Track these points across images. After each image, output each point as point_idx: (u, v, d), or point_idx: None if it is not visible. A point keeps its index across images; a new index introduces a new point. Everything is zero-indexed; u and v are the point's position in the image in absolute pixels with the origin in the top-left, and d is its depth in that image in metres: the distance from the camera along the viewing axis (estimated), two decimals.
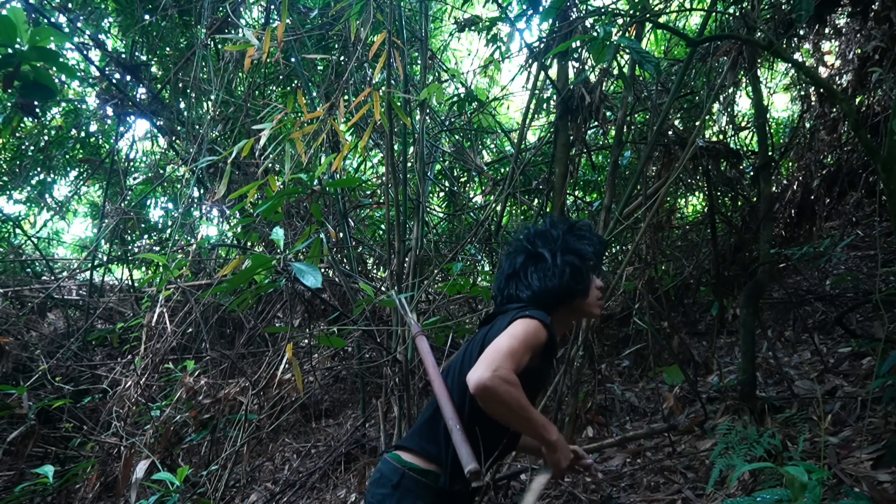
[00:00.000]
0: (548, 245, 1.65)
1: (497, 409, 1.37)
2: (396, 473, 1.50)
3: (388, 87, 3.38)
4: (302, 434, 5.16)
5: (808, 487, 1.59)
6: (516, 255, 1.70)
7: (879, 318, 3.49)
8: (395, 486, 1.48)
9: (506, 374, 1.35)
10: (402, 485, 1.48)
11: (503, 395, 1.34)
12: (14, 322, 5.79)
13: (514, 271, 1.68)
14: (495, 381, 1.33)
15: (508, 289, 1.68)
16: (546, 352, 1.52)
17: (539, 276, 1.62)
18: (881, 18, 3.81)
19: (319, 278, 2.20)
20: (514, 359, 1.40)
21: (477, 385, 1.34)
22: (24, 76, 1.49)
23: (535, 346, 1.47)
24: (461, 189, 6.70)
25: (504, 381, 1.34)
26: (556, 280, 1.60)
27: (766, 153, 3.96)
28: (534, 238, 1.69)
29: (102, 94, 5.92)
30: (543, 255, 1.64)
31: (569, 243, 1.65)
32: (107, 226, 6.49)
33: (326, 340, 2.98)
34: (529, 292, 1.62)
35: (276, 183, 3.00)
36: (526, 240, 1.70)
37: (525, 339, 1.44)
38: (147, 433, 3.63)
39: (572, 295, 1.63)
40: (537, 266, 1.64)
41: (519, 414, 1.39)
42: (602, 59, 2.39)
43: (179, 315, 4.68)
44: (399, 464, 1.52)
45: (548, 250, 1.64)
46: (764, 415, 2.96)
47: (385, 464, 1.56)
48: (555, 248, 1.64)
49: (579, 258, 1.63)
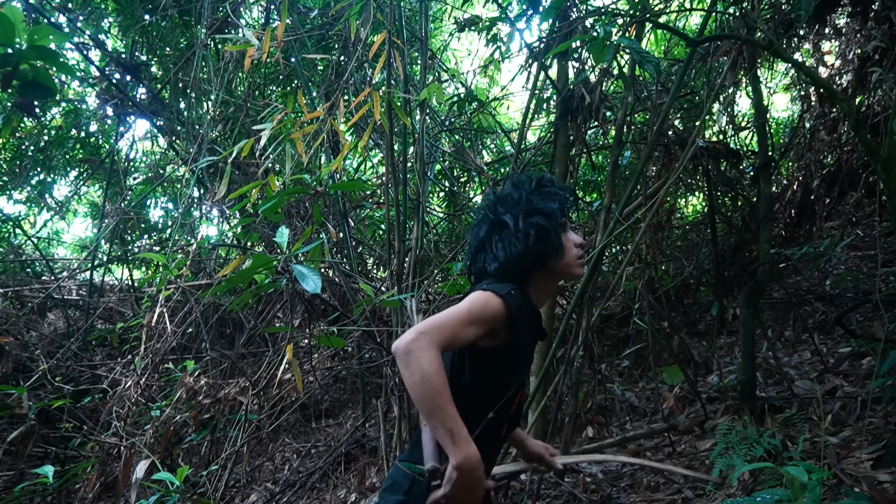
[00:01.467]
0: (510, 209, 1.51)
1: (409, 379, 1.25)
2: (408, 480, 1.46)
3: (388, 87, 3.38)
4: (302, 434, 5.16)
5: (808, 487, 1.59)
6: (480, 226, 1.56)
7: (879, 318, 3.49)
8: (406, 493, 1.44)
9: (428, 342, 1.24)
10: (413, 490, 1.45)
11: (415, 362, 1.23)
12: (14, 322, 5.79)
13: (479, 244, 1.55)
14: (413, 345, 1.23)
15: (476, 263, 1.56)
16: (510, 325, 1.40)
17: (504, 244, 1.49)
18: (881, 18, 3.81)
19: (319, 282, 2.20)
20: (447, 329, 1.29)
21: (395, 347, 1.25)
22: (23, 75, 1.49)
23: (482, 318, 1.35)
24: (461, 189, 6.70)
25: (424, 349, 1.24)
26: (521, 245, 1.47)
27: (766, 153, 3.96)
28: (495, 204, 1.55)
29: (102, 94, 5.92)
30: (506, 222, 1.50)
31: (532, 203, 1.51)
32: (107, 226, 6.49)
33: (326, 340, 2.98)
34: (496, 264, 1.49)
35: (277, 183, 3.00)
36: (488, 208, 1.57)
37: (469, 310, 1.33)
38: (147, 433, 3.62)
39: (543, 257, 1.49)
40: (501, 234, 1.50)
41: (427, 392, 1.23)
42: (602, 59, 2.39)
43: (179, 315, 4.68)
44: (410, 470, 1.47)
45: (510, 215, 1.50)
46: (764, 415, 2.96)
47: (396, 470, 1.51)
48: (517, 212, 1.50)
49: (545, 217, 1.49)
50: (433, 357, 1.24)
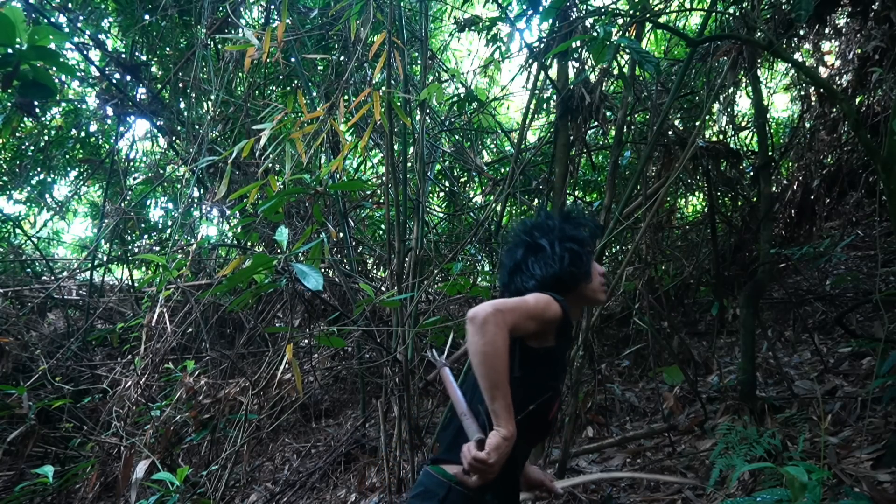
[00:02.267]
0: (546, 235, 1.68)
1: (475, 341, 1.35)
2: (443, 487, 1.48)
3: (388, 87, 3.38)
4: (302, 434, 5.16)
5: (808, 487, 1.59)
6: (516, 249, 1.72)
7: (879, 318, 3.49)
8: (441, 501, 1.46)
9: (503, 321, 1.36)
10: (448, 499, 1.47)
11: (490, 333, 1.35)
12: (14, 322, 5.79)
13: (515, 265, 1.70)
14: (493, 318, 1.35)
15: (514, 283, 1.70)
16: (561, 331, 1.53)
17: (541, 265, 1.65)
18: (881, 18, 3.81)
19: (321, 280, 2.20)
20: (517, 314, 1.41)
21: (474, 314, 1.36)
22: (23, 75, 1.49)
23: (543, 316, 1.48)
24: (461, 189, 6.70)
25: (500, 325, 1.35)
26: (557, 266, 1.63)
27: (766, 153, 3.96)
28: (531, 230, 1.72)
29: (102, 94, 5.91)
30: (542, 245, 1.67)
31: (566, 231, 1.68)
32: (107, 226, 6.49)
33: (326, 340, 2.98)
34: (534, 281, 1.64)
35: (277, 183, 3.00)
36: (524, 232, 1.73)
37: (535, 305, 1.46)
38: (147, 433, 3.62)
39: (575, 280, 1.66)
40: (537, 256, 1.67)
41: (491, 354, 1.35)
42: (602, 59, 2.39)
43: (179, 315, 4.67)
44: (444, 478, 1.50)
45: (546, 240, 1.67)
46: (764, 415, 2.96)
47: (429, 477, 1.54)
48: (552, 238, 1.67)
49: (578, 244, 1.67)
50: (506, 336, 1.36)
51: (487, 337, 1.35)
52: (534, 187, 5.58)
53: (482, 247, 5.78)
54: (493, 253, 5.68)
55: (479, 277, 6.12)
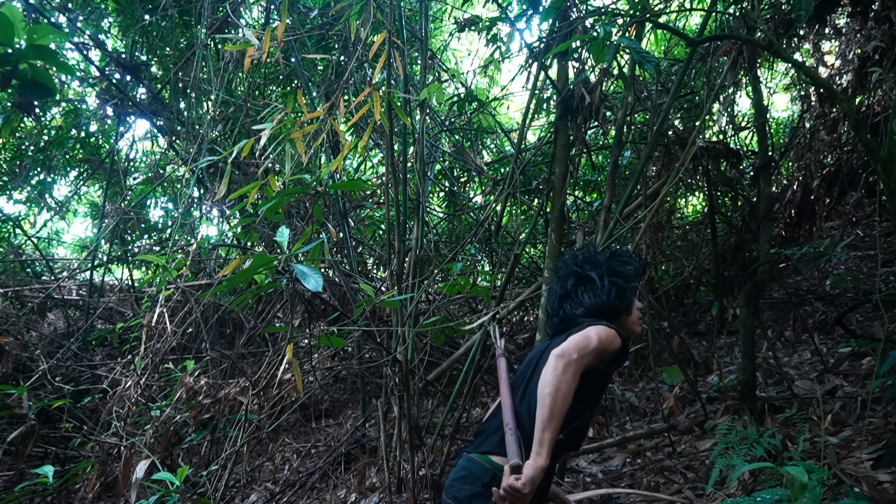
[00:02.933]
0: (595, 268, 1.89)
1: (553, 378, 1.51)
2: (487, 474, 1.63)
3: (388, 87, 3.38)
4: (302, 434, 5.16)
5: (808, 487, 1.59)
6: (567, 279, 1.93)
7: (879, 318, 3.49)
8: (486, 486, 1.58)
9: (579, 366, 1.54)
10: (492, 484, 1.56)
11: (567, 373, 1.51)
12: (14, 322, 5.78)
13: (566, 292, 1.91)
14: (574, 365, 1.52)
15: (563, 309, 1.90)
16: (616, 357, 1.69)
17: (590, 295, 1.85)
18: (881, 18, 3.81)
19: (321, 281, 2.20)
20: (590, 357, 1.58)
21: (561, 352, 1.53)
22: (22, 75, 1.49)
23: (609, 349, 1.65)
24: (461, 189, 6.70)
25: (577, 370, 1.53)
26: (605, 297, 1.83)
27: (766, 153, 3.96)
28: (582, 263, 1.93)
29: (102, 94, 5.91)
30: (592, 277, 1.87)
31: (613, 267, 1.89)
32: (107, 226, 6.49)
33: (326, 340, 2.98)
34: (583, 309, 1.84)
35: (277, 183, 2.99)
36: (574, 264, 1.95)
37: (606, 341, 1.63)
38: (147, 433, 3.62)
39: (618, 311, 1.85)
40: (587, 286, 1.87)
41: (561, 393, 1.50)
42: (602, 59, 2.39)
43: (179, 315, 4.67)
44: (489, 465, 1.64)
45: (595, 273, 1.88)
46: (764, 415, 2.96)
47: (473, 463, 1.68)
48: (601, 271, 1.88)
49: (623, 279, 1.88)
50: (577, 379, 1.54)
51: (566, 376, 1.51)
52: (534, 187, 5.58)
53: (482, 247, 5.78)
54: (493, 253, 5.68)
55: (479, 277, 6.12)
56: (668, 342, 4.08)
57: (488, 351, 3.60)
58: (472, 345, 3.70)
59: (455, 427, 3.49)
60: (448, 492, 1.69)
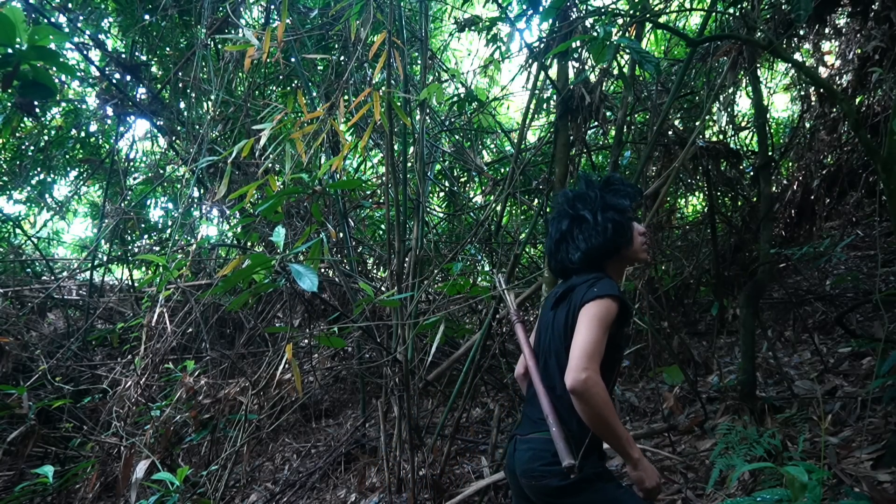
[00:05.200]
0: (588, 206, 1.78)
1: (587, 411, 1.52)
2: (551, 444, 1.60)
3: (388, 87, 3.38)
4: (302, 434, 5.15)
5: (808, 487, 1.59)
6: (560, 220, 1.83)
7: (879, 318, 3.49)
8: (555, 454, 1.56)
9: (594, 377, 1.51)
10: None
11: (594, 398, 1.50)
12: (14, 322, 5.78)
13: (561, 236, 1.82)
14: (588, 385, 1.49)
15: (560, 253, 1.82)
16: (620, 320, 1.65)
17: (584, 237, 1.76)
18: (881, 18, 3.80)
19: (316, 281, 2.20)
20: (598, 353, 1.55)
21: (573, 388, 1.51)
22: (23, 75, 1.49)
23: (611, 324, 1.60)
24: (461, 189, 6.70)
25: (595, 384, 1.50)
26: (601, 237, 1.73)
27: (766, 153, 3.96)
28: (573, 201, 1.82)
29: (102, 94, 5.91)
30: (585, 217, 1.76)
31: (607, 200, 1.77)
32: (107, 226, 6.48)
33: (326, 340, 2.98)
34: (579, 253, 1.76)
35: (276, 183, 2.99)
36: (566, 204, 1.83)
37: (602, 324, 1.58)
38: (147, 433, 3.62)
39: (618, 247, 1.76)
40: (581, 227, 1.77)
41: (604, 417, 1.51)
42: (602, 59, 2.39)
43: (179, 315, 4.67)
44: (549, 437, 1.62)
45: (588, 211, 1.77)
46: (764, 415, 2.96)
47: (534, 442, 1.68)
48: (595, 208, 1.76)
49: (618, 212, 1.76)
50: (603, 387, 1.52)
51: (592, 402, 1.51)
52: (534, 187, 5.58)
53: (482, 247, 5.77)
54: (493, 253, 5.67)
55: (479, 277, 6.12)
56: (668, 342, 4.08)
57: (488, 351, 3.60)
58: (472, 345, 3.70)
59: (455, 427, 3.49)
60: (524, 476, 1.67)
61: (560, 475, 1.57)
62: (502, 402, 4.23)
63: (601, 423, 1.53)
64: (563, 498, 1.61)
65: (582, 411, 1.54)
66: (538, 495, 1.66)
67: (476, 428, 4.33)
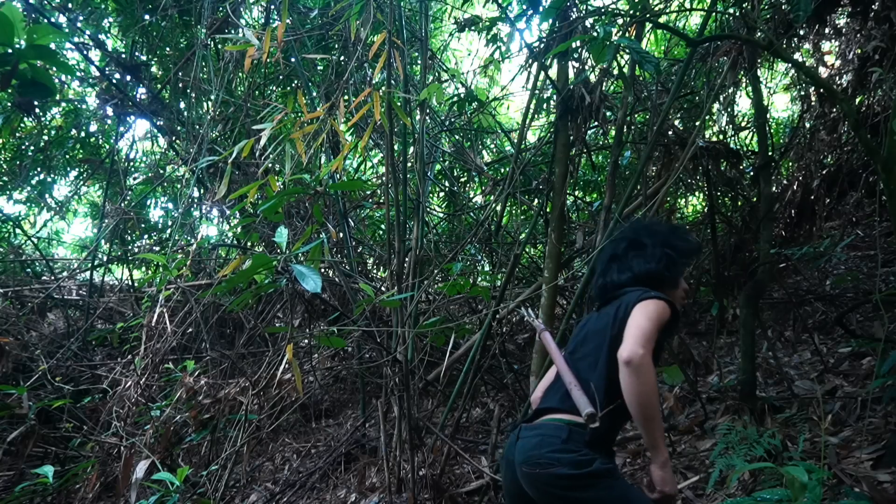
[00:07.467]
0: (650, 236, 1.87)
1: (637, 386, 1.50)
2: (562, 430, 1.61)
3: (388, 87, 3.38)
4: (302, 434, 5.15)
5: (808, 487, 1.59)
6: (620, 242, 1.92)
7: (879, 318, 3.49)
8: (565, 441, 1.58)
9: (649, 357, 1.52)
10: (571, 439, 1.59)
11: (646, 374, 1.50)
12: (14, 322, 5.78)
13: (616, 255, 1.89)
14: (644, 360, 1.51)
15: (609, 272, 1.89)
16: (669, 326, 1.68)
17: (638, 261, 1.83)
18: (881, 18, 3.80)
19: (319, 282, 2.20)
20: (653, 342, 1.57)
21: (629, 359, 1.51)
22: (22, 75, 1.49)
23: (663, 325, 1.64)
24: (461, 189, 6.70)
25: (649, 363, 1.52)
26: (653, 264, 1.81)
27: (766, 153, 3.96)
28: (639, 229, 1.92)
29: (102, 94, 5.91)
30: (644, 243, 1.85)
31: (668, 238, 1.86)
32: (107, 226, 6.49)
33: (326, 340, 2.98)
34: (630, 274, 1.82)
35: (277, 183, 2.99)
36: (630, 229, 1.94)
37: (659, 319, 1.62)
38: (147, 433, 3.62)
39: (664, 282, 1.81)
40: (637, 251, 1.85)
41: (651, 397, 1.51)
42: (602, 59, 2.39)
43: (179, 315, 4.67)
44: (560, 422, 1.64)
45: (649, 240, 1.86)
46: (764, 415, 2.96)
47: (542, 427, 1.66)
48: (656, 240, 1.85)
49: (676, 252, 1.84)
50: (653, 371, 1.53)
51: (643, 378, 1.50)
52: (534, 187, 5.58)
53: (482, 247, 5.77)
54: (493, 253, 5.67)
55: (479, 277, 6.12)
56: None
57: (488, 351, 3.60)
58: (472, 345, 3.70)
59: (455, 427, 3.49)
60: (526, 464, 1.59)
61: (571, 464, 1.53)
62: (502, 402, 4.23)
63: (646, 403, 1.51)
64: (570, 491, 1.53)
65: (631, 385, 1.51)
66: (541, 486, 1.57)
67: (476, 428, 4.33)
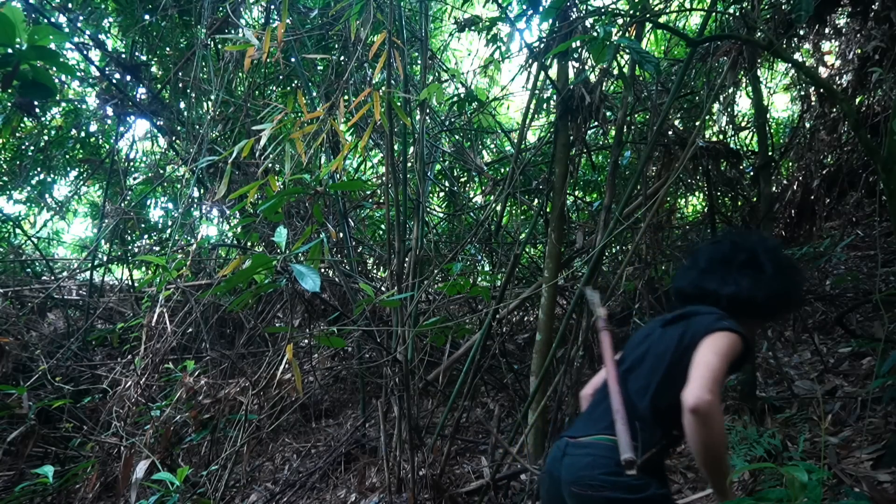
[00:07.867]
0: (774, 265, 1.69)
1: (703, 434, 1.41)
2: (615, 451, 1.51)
3: (388, 87, 3.38)
4: (302, 434, 5.15)
5: (808, 487, 1.59)
6: (739, 251, 1.74)
7: (879, 318, 3.49)
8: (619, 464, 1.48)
9: (718, 401, 1.42)
10: None
11: (714, 422, 1.40)
12: (14, 322, 5.78)
13: (728, 261, 1.72)
14: (712, 407, 1.40)
15: (707, 276, 1.73)
16: (739, 362, 1.58)
17: (749, 282, 1.67)
18: (881, 18, 3.81)
19: (318, 281, 2.20)
20: (722, 382, 1.48)
21: (696, 406, 1.40)
22: (22, 75, 1.49)
23: (733, 361, 1.54)
24: (461, 189, 6.70)
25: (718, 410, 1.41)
26: (762, 295, 1.65)
27: (766, 153, 3.96)
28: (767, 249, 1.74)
29: (102, 94, 5.91)
30: (765, 269, 1.68)
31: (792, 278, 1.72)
32: (107, 226, 6.49)
33: (326, 340, 2.98)
34: (734, 289, 1.66)
35: (277, 183, 2.99)
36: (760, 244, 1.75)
37: (730, 355, 1.51)
38: (147, 433, 3.62)
39: (754, 314, 1.69)
40: (754, 272, 1.68)
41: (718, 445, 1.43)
42: (602, 59, 2.39)
43: (179, 315, 4.67)
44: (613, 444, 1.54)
45: (772, 267, 1.68)
46: (764, 415, 2.97)
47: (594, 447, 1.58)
48: (778, 272, 1.69)
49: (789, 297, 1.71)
50: (722, 418, 1.44)
51: (710, 427, 1.40)
52: (534, 187, 5.58)
53: (482, 247, 5.77)
54: (493, 253, 5.67)
55: (479, 277, 6.11)
56: None
57: (488, 351, 3.60)
58: (472, 345, 3.70)
59: (455, 427, 3.49)
60: (577, 484, 1.54)
61: (626, 489, 1.47)
62: (502, 402, 4.23)
63: (713, 451, 1.43)
64: None
65: (696, 433, 1.41)
66: None
67: (476, 427, 4.33)
